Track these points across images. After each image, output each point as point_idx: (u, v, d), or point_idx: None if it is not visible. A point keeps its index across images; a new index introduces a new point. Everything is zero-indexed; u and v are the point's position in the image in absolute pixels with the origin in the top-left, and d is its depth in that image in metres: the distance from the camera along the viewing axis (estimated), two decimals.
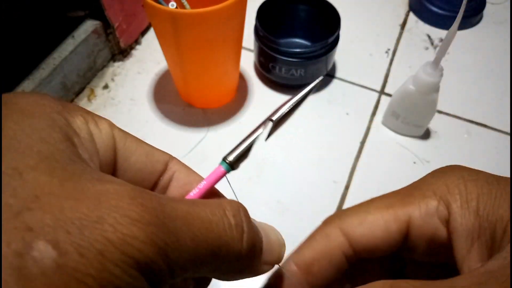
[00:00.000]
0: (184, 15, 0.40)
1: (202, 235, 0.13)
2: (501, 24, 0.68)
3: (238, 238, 0.15)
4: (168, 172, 0.19)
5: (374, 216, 0.18)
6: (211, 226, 0.14)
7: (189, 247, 0.13)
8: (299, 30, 0.60)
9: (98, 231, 0.11)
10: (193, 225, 0.13)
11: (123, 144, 0.17)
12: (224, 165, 0.18)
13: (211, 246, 0.14)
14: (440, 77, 0.44)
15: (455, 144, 0.53)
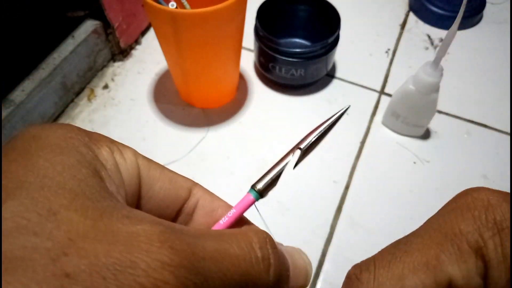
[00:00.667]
0: (184, 15, 0.40)
1: (230, 272, 0.14)
2: (501, 24, 0.68)
3: (265, 271, 0.15)
4: (192, 199, 0.19)
5: (412, 282, 0.17)
6: (238, 262, 0.14)
7: (217, 286, 0.13)
8: (299, 30, 0.60)
9: (132, 277, 0.11)
10: (222, 263, 0.13)
11: (147, 172, 0.17)
12: (253, 193, 0.18)
13: (239, 281, 0.14)
14: (440, 77, 0.44)
15: (455, 144, 0.53)
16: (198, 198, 0.19)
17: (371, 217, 0.46)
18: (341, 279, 0.20)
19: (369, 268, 0.19)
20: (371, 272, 0.19)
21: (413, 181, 0.49)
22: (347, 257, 0.44)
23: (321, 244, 0.44)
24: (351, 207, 0.47)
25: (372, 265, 0.19)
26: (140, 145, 0.51)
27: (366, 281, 0.18)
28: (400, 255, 0.18)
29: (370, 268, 0.19)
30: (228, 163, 0.50)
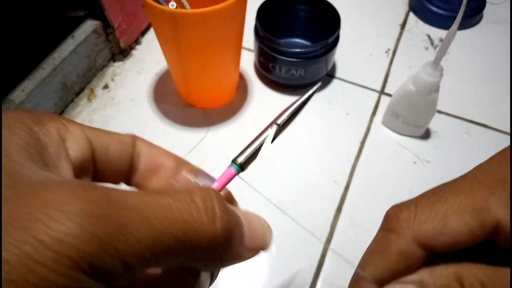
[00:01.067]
0: (184, 15, 0.40)
1: (161, 223, 0.12)
2: (501, 24, 0.68)
3: (209, 221, 0.14)
4: (136, 153, 0.20)
5: (456, 223, 0.16)
6: (173, 213, 0.13)
7: (145, 238, 0.12)
8: (299, 30, 0.60)
9: (26, 231, 0.10)
10: (150, 214, 0.12)
11: (97, 138, 0.18)
12: (234, 166, 0.19)
13: (175, 233, 0.13)
14: (440, 77, 0.44)
15: (455, 144, 0.53)
16: (139, 153, 0.20)
17: (371, 217, 0.46)
18: (341, 279, 0.20)
19: (410, 207, 0.19)
20: (411, 211, 0.18)
21: (413, 181, 0.49)
22: (347, 257, 0.44)
23: (321, 244, 0.44)
24: (351, 207, 0.47)
25: (414, 205, 0.19)
26: None
27: (406, 220, 0.18)
28: (445, 196, 0.18)
29: (411, 207, 0.19)
30: (228, 163, 0.50)
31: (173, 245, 0.13)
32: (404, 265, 0.18)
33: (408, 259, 0.18)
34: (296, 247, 0.44)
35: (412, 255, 0.18)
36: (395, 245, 0.18)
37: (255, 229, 0.18)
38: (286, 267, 0.43)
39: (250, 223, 0.18)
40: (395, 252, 0.18)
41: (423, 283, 0.17)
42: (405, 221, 0.18)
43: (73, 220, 0.10)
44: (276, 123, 0.20)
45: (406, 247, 0.18)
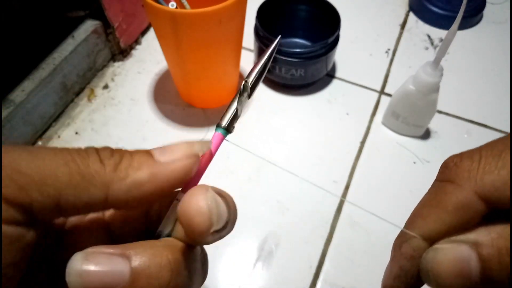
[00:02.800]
0: (184, 15, 0.40)
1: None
2: (501, 24, 0.68)
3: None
4: None
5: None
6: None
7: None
8: (299, 30, 0.60)
9: None
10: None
11: None
12: (221, 130, 0.19)
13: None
14: (440, 77, 0.44)
15: (455, 144, 0.53)
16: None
17: (371, 217, 0.46)
18: (341, 279, 0.20)
19: (473, 156, 0.17)
20: (474, 160, 0.16)
21: (413, 181, 0.49)
22: (347, 257, 0.44)
23: (321, 244, 0.44)
24: (351, 207, 0.47)
25: (477, 154, 0.17)
26: (140, 145, 0.51)
27: (468, 170, 0.16)
28: (497, 145, 0.16)
29: (474, 156, 0.17)
30: (228, 163, 0.50)
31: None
32: (460, 221, 0.16)
33: (465, 214, 0.16)
34: (296, 247, 0.44)
35: (471, 209, 0.16)
36: (453, 196, 0.16)
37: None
38: (286, 267, 0.43)
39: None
40: (451, 205, 0.16)
41: (478, 244, 0.15)
42: (466, 171, 0.16)
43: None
44: (246, 81, 0.20)
45: (465, 200, 0.16)
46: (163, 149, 0.16)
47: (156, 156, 0.16)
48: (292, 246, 0.44)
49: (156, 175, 0.15)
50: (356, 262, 0.43)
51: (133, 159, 0.15)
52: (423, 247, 0.17)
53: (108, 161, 0.14)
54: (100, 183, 0.14)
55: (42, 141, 0.52)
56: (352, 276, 0.42)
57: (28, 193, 0.13)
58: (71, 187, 0.13)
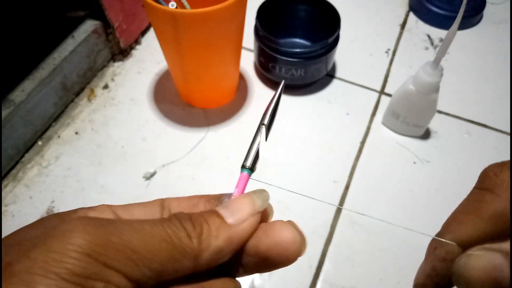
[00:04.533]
0: (184, 15, 0.40)
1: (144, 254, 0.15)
2: (501, 24, 0.68)
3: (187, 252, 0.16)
4: (165, 209, 0.20)
5: None
6: (154, 243, 0.15)
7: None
8: (299, 30, 0.60)
9: (51, 267, 0.13)
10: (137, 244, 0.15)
11: (124, 213, 0.19)
12: (246, 170, 0.21)
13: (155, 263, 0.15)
14: (440, 77, 0.44)
15: (455, 144, 0.53)
16: (170, 206, 0.20)
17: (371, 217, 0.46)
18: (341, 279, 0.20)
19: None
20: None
21: (413, 181, 0.49)
22: (347, 257, 0.44)
23: (321, 244, 0.44)
24: (351, 207, 0.47)
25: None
26: (140, 145, 0.51)
27: (507, 180, 0.17)
28: None
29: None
30: (228, 163, 0.50)
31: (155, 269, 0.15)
32: (495, 229, 0.16)
33: (501, 223, 0.16)
34: None
35: (507, 219, 0.16)
36: (490, 205, 0.17)
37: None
38: (286, 267, 0.43)
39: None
40: (488, 213, 0.17)
41: None
42: (505, 181, 0.17)
43: (77, 251, 0.14)
44: (263, 123, 0.23)
45: (502, 210, 0.16)
46: (230, 210, 0.18)
47: (227, 219, 0.17)
48: None
49: (232, 239, 0.17)
50: (356, 262, 0.43)
51: (211, 227, 0.17)
52: (457, 252, 0.17)
53: (193, 234, 0.16)
54: (191, 256, 0.16)
55: (42, 141, 0.52)
56: (352, 276, 0.42)
57: (141, 269, 0.15)
58: (170, 261, 0.15)
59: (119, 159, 0.50)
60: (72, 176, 0.49)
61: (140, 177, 0.49)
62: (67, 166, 0.50)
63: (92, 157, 0.50)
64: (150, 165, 0.50)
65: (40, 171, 0.49)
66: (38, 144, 0.51)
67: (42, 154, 0.51)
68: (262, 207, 0.19)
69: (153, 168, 0.49)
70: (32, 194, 0.47)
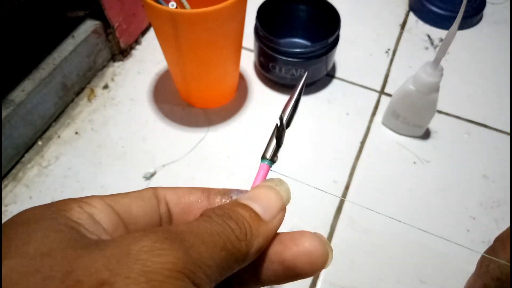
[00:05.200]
0: (184, 15, 0.40)
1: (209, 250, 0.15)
2: (501, 24, 0.68)
3: (242, 248, 0.16)
4: (162, 202, 0.19)
5: None
6: (215, 242, 0.15)
7: (207, 261, 0.15)
8: (299, 30, 0.60)
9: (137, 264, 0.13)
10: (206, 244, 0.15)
11: (118, 205, 0.18)
12: (266, 161, 0.21)
13: (218, 259, 0.15)
14: (440, 77, 0.44)
15: (455, 144, 0.53)
16: (165, 197, 0.20)
17: (371, 217, 0.46)
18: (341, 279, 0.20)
19: None
20: None
21: (413, 181, 0.49)
22: (347, 257, 0.44)
23: None
24: (351, 207, 0.47)
25: None
26: (140, 145, 0.51)
27: None
28: None
29: None
30: (228, 163, 0.50)
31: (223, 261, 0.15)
32: None
33: None
34: None
35: None
36: None
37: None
38: None
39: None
40: None
41: None
42: None
43: (169, 270, 0.13)
44: (281, 115, 0.23)
45: None
46: (263, 205, 0.18)
47: (263, 216, 0.17)
48: None
49: (268, 236, 0.17)
50: (356, 262, 0.43)
51: (251, 225, 0.17)
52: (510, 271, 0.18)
53: (241, 235, 0.16)
54: (240, 260, 0.16)
55: (42, 141, 0.52)
56: (352, 276, 0.42)
57: (212, 283, 0.15)
58: (226, 269, 0.16)
59: (119, 159, 0.50)
60: (72, 176, 0.49)
61: (140, 177, 0.49)
62: (67, 166, 0.50)
63: (92, 157, 0.50)
64: (150, 165, 0.50)
65: (40, 171, 0.49)
66: (38, 144, 0.51)
67: (42, 154, 0.51)
68: (288, 201, 0.19)
69: (153, 168, 0.49)
70: (32, 194, 0.47)
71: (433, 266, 0.43)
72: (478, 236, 0.45)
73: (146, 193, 0.19)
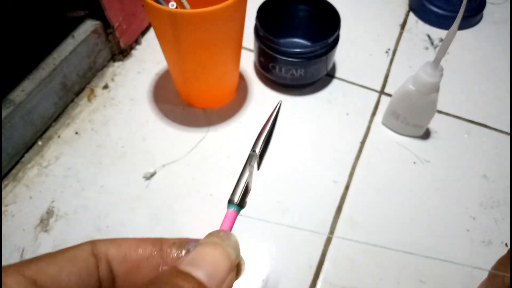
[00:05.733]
0: (184, 15, 0.40)
1: None
2: (501, 24, 0.68)
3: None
4: (102, 260, 0.16)
5: None
6: None
7: None
8: (299, 30, 0.60)
9: None
10: None
11: (44, 276, 0.15)
12: (234, 207, 0.18)
13: None
14: (440, 77, 0.44)
15: (455, 144, 0.53)
16: (106, 253, 0.16)
17: (371, 217, 0.46)
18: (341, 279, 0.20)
19: None
20: None
21: (413, 181, 0.49)
22: (347, 257, 0.44)
23: (321, 244, 0.44)
24: (351, 207, 0.47)
25: None
26: (140, 145, 0.51)
27: None
28: None
29: None
30: (228, 163, 0.50)
31: None
32: None
33: None
34: (296, 247, 0.44)
35: None
36: None
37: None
38: (286, 267, 0.43)
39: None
40: None
41: None
42: None
43: None
44: (254, 151, 0.20)
45: None
46: (206, 271, 0.15)
47: (208, 285, 0.15)
48: (292, 246, 0.44)
49: None
50: (356, 262, 0.43)
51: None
52: None
53: None
54: None
55: (42, 141, 0.52)
56: (352, 276, 0.42)
57: None
58: None
59: (119, 159, 0.50)
60: (72, 176, 0.49)
61: (140, 177, 0.49)
62: (67, 166, 0.50)
63: (92, 157, 0.50)
64: (150, 165, 0.50)
65: (40, 171, 0.49)
66: (38, 144, 0.51)
67: (42, 154, 0.51)
68: (237, 258, 0.16)
69: (153, 168, 0.49)
70: (32, 194, 0.47)
71: (433, 266, 0.43)
72: (478, 236, 0.45)
73: (81, 253, 0.16)
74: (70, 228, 0.45)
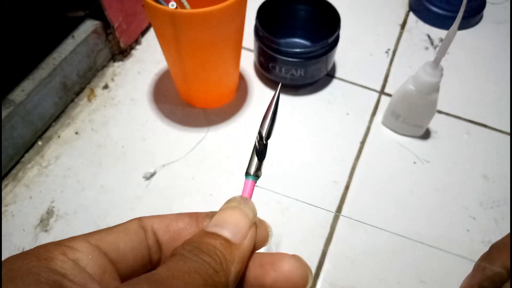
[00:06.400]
0: (184, 15, 0.40)
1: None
2: (501, 24, 0.68)
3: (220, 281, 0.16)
4: (149, 232, 0.19)
5: None
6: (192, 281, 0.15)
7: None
8: (299, 30, 0.60)
9: None
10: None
11: (104, 243, 0.18)
12: (251, 177, 0.21)
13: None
14: (440, 77, 0.44)
15: (455, 144, 0.53)
16: (152, 227, 0.19)
17: (371, 217, 0.46)
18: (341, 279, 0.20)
19: None
20: None
21: (413, 181, 0.49)
22: (347, 257, 0.44)
23: (321, 244, 0.44)
24: (351, 207, 0.47)
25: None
26: (140, 145, 0.51)
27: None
28: None
29: None
30: (228, 163, 0.50)
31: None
32: None
33: None
34: (296, 247, 0.44)
35: None
36: None
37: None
38: None
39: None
40: None
41: None
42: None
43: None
44: (259, 130, 0.23)
45: None
46: (230, 229, 0.18)
47: (233, 240, 0.17)
48: (292, 246, 0.44)
49: (243, 258, 0.17)
50: (356, 262, 0.43)
51: (224, 253, 0.17)
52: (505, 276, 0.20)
53: (217, 267, 0.16)
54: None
55: (42, 141, 0.52)
56: (352, 276, 0.42)
57: None
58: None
59: (119, 159, 0.50)
60: (72, 176, 0.49)
61: (140, 177, 0.49)
62: (67, 166, 0.50)
63: (92, 157, 0.50)
64: (150, 165, 0.50)
65: (40, 171, 0.49)
66: (38, 144, 0.51)
67: (42, 154, 0.51)
68: (255, 217, 0.19)
69: (153, 168, 0.49)
70: (32, 194, 0.47)
71: (433, 266, 0.43)
72: (478, 236, 0.45)
73: (131, 226, 0.19)
74: (70, 228, 0.45)
